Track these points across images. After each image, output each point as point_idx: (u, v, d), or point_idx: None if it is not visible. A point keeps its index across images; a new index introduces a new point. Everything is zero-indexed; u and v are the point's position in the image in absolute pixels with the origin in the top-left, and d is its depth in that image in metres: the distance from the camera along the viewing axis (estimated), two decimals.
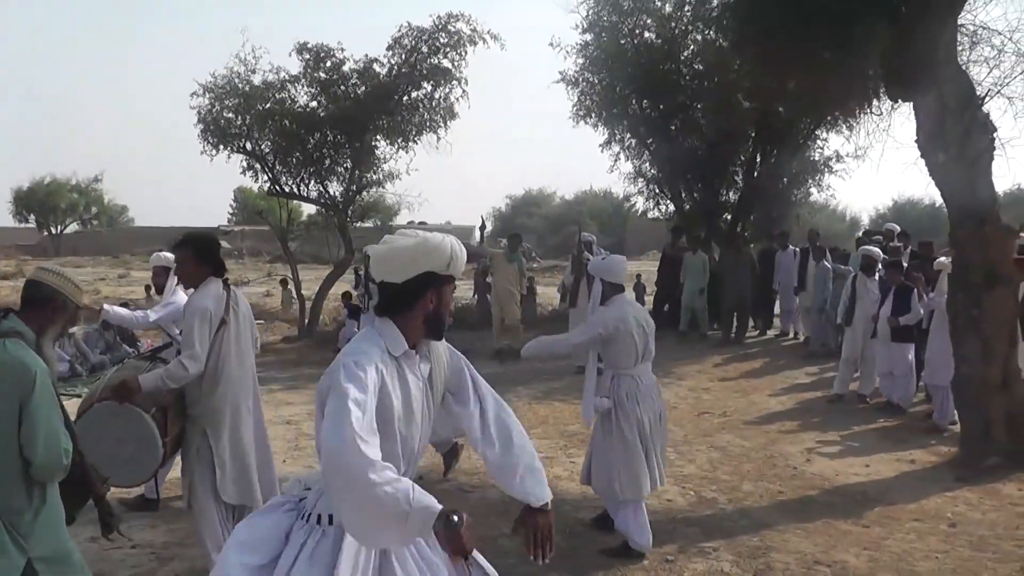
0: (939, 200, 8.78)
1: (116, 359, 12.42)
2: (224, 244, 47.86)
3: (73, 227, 59.87)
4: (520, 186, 76.11)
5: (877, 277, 11.38)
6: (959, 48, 8.29)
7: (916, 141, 8.23)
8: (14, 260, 34.38)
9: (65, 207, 58.97)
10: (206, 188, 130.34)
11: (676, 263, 17.21)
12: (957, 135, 7.86)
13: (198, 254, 5.25)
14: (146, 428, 4.97)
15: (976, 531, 6.58)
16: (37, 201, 57.42)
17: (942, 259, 10.12)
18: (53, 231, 57.60)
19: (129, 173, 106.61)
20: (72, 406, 4.67)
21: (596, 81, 18.78)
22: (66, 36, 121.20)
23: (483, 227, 15.82)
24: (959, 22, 8.24)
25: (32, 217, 58.21)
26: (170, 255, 7.56)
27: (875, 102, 10.46)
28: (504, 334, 15.40)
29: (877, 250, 11.92)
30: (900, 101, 8.79)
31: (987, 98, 8.13)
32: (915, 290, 10.55)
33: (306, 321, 17.79)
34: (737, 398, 12.10)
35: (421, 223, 64.85)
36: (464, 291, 21.27)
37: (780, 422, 10.57)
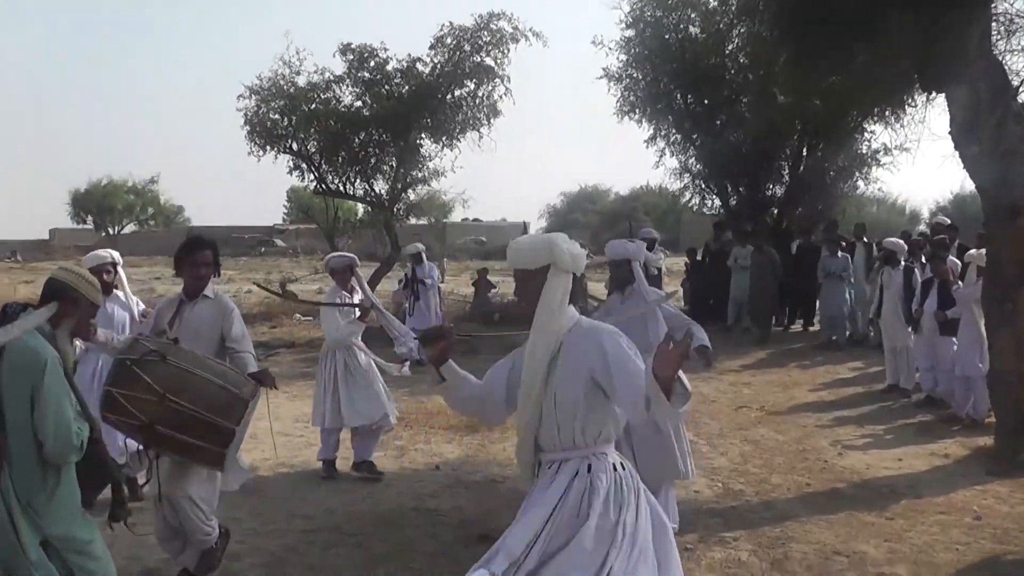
0: None
1: None
2: (279, 242, 48.49)
3: (130, 228, 61.09)
4: (575, 182, 76.01)
5: (902, 267, 11.50)
6: (995, 37, 8.20)
7: (950, 133, 8.17)
8: (72, 260, 35.16)
9: (122, 208, 60.15)
10: (261, 187, 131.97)
11: (721, 257, 17.22)
12: (990, 127, 7.78)
13: (215, 256, 5.45)
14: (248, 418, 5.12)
15: (1002, 524, 6.55)
16: (94, 202, 58.68)
17: (972, 251, 10.07)
18: (110, 232, 58.77)
19: (185, 174, 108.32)
20: None
21: (640, 77, 18.80)
22: (120, 39, 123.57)
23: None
24: (995, 11, 8.16)
25: (89, 218, 59.50)
26: (108, 252, 7.61)
27: (914, 94, 10.37)
28: None
29: (899, 241, 12.04)
30: (934, 93, 8.71)
31: (1022, 89, 8.02)
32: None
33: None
34: (777, 392, 12.09)
35: (475, 220, 65.09)
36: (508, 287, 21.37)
37: (817, 416, 10.56)
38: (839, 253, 15.10)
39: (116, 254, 7.58)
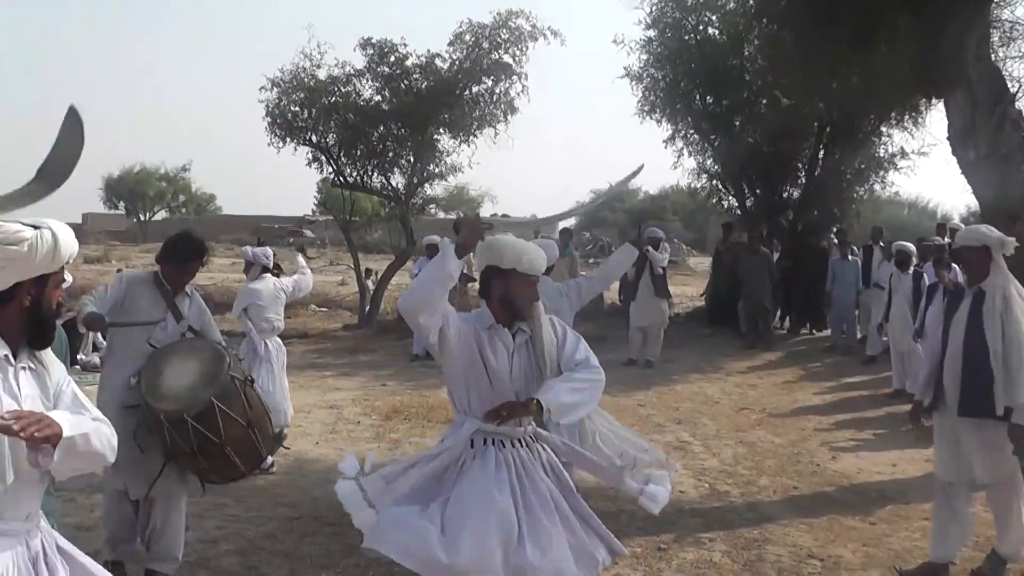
0: None
1: None
2: (308, 233, 48.91)
3: (161, 215, 61.50)
4: (605, 180, 75.96)
5: (911, 272, 11.46)
6: (994, 43, 8.18)
7: (948, 138, 8.16)
8: (103, 245, 35.69)
9: (154, 195, 60.54)
10: (292, 177, 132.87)
11: (730, 259, 17.23)
12: (987, 132, 7.77)
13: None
14: None
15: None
16: (127, 189, 59.10)
17: None
18: (142, 218, 59.27)
19: (217, 163, 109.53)
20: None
21: (660, 77, 18.77)
22: (154, 29, 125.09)
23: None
24: (994, 18, 8.13)
25: (122, 204, 59.98)
26: None
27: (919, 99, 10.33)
28: None
29: (910, 245, 11.95)
30: (934, 99, 8.69)
31: (1019, 94, 7.99)
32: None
33: (366, 309, 18.18)
34: (782, 395, 12.06)
35: (504, 216, 64.89)
36: None
37: (818, 419, 10.52)
38: (849, 258, 15.01)
39: None
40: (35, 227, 2.67)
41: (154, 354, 5.06)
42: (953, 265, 10.58)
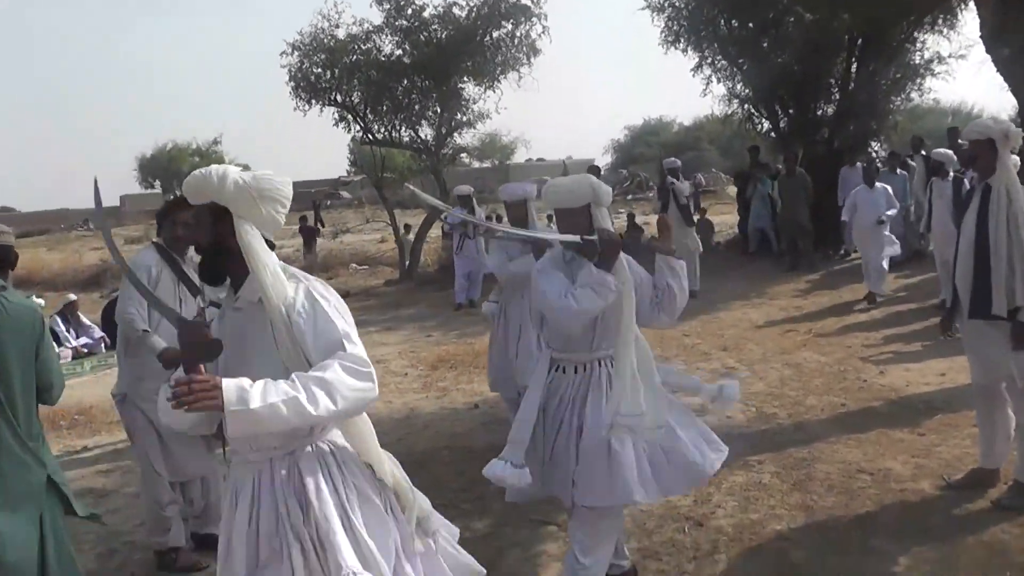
0: None
1: None
2: (344, 194, 49.17)
3: None
4: (639, 116, 75.11)
5: (951, 178, 11.18)
6: None
7: (980, 37, 7.94)
8: (143, 225, 36.01)
9: (188, 171, 60.48)
10: (325, 141, 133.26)
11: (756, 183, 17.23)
12: (1021, 26, 7.53)
13: None
14: None
15: None
16: (160, 167, 59.69)
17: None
18: (178, 195, 59.81)
19: (248, 132, 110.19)
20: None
21: (682, 5, 18.43)
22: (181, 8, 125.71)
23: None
24: None
25: (157, 183, 60.66)
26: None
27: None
28: None
29: (948, 151, 11.68)
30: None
31: None
32: None
33: (406, 264, 18.26)
34: (826, 315, 11.96)
35: (539, 160, 64.85)
36: None
37: (865, 336, 10.43)
38: (897, 171, 14.83)
39: None
40: None
41: None
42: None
